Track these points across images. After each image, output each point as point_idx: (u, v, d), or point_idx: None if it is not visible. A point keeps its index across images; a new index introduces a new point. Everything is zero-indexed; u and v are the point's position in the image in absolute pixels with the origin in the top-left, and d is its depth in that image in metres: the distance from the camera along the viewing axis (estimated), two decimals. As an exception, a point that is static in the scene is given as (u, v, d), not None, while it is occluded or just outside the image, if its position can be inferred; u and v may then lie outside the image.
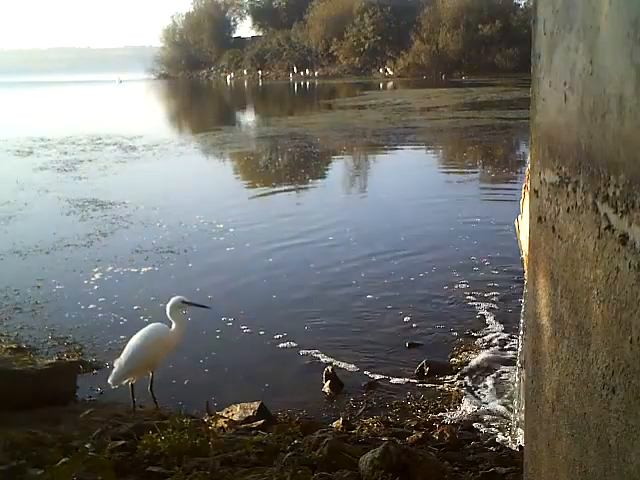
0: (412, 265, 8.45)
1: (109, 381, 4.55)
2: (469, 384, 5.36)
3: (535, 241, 1.62)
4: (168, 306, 4.61)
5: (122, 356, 4.55)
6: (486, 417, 4.85)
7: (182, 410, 4.40)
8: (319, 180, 15.92)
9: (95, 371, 5.70)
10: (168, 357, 4.89)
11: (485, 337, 6.22)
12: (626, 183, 1.10)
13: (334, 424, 4.39)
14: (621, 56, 1.10)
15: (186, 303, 4.70)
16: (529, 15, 2.54)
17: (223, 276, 8.27)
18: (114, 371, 4.54)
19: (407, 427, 4.42)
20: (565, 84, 1.35)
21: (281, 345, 6.19)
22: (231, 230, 10.29)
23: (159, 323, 4.70)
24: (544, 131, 1.53)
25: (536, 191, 1.58)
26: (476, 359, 5.78)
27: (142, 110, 38.58)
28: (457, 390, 5.27)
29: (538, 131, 1.57)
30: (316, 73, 61.83)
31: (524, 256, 3.91)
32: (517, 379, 4.73)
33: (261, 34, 70.52)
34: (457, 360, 5.80)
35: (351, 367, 5.72)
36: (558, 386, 1.45)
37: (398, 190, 13.38)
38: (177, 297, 4.69)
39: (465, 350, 5.97)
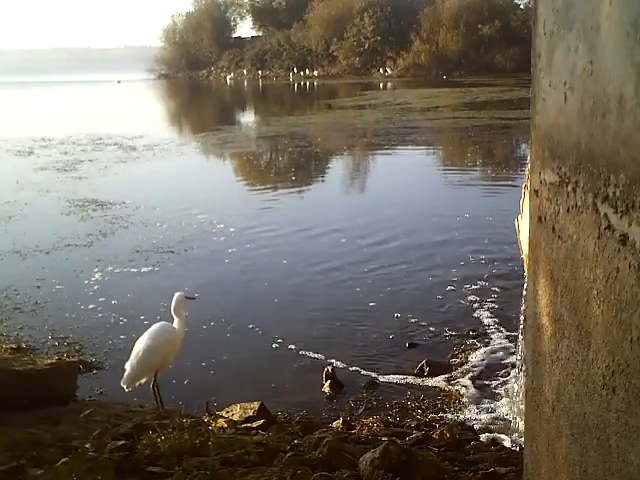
0: (412, 265, 8.45)
1: (122, 384, 4.47)
2: (469, 384, 5.36)
3: (535, 241, 1.61)
4: (173, 302, 4.62)
5: (132, 358, 4.47)
6: (486, 417, 4.85)
7: (182, 410, 4.41)
8: (320, 180, 15.93)
9: (95, 371, 5.70)
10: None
11: (485, 337, 6.22)
12: (626, 183, 1.10)
13: (334, 424, 4.38)
14: (621, 56, 1.10)
15: (188, 298, 4.78)
16: (529, 15, 2.55)
17: (223, 276, 8.28)
18: (126, 374, 4.47)
19: (407, 427, 4.42)
20: (565, 84, 1.35)
21: (281, 345, 6.19)
22: (232, 230, 10.29)
23: (165, 322, 4.67)
24: (544, 131, 1.53)
25: (536, 191, 1.58)
26: (476, 359, 5.78)
27: (142, 110, 38.55)
28: (457, 390, 5.27)
29: (538, 131, 1.57)
30: (316, 73, 61.71)
31: (524, 256, 3.91)
32: (517, 379, 4.73)
33: (261, 34, 70.40)
34: (457, 360, 5.80)
35: (351, 367, 5.72)
36: (558, 386, 1.45)
37: (398, 190, 13.37)
38: (179, 293, 4.70)
39: (465, 350, 5.97)
